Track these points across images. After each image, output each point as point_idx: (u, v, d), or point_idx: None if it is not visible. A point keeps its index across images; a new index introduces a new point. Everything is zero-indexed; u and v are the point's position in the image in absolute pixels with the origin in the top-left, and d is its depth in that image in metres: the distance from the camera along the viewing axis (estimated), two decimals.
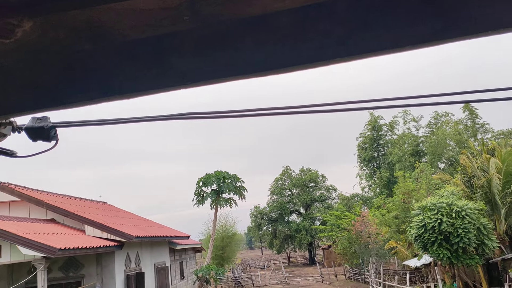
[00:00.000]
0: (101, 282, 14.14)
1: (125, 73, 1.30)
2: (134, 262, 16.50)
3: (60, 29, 1.18)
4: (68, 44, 1.25)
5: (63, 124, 1.63)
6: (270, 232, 61.44)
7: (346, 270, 39.16)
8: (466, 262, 20.52)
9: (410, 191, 30.16)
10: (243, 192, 34.36)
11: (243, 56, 1.21)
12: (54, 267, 13.33)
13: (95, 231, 14.66)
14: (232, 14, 1.16)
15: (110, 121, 1.75)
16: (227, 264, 42.06)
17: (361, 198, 54.51)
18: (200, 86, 1.26)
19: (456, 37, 1.03)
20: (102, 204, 22.92)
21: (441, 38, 1.05)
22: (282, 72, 1.19)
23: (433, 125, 48.42)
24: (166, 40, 1.26)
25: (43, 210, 15.29)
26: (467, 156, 26.22)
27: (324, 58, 1.13)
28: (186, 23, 1.20)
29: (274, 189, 61.11)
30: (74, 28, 1.20)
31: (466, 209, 20.11)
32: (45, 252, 10.98)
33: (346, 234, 36.75)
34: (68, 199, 18.80)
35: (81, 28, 1.21)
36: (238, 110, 1.75)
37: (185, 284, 25.99)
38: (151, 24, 1.21)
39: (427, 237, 20.43)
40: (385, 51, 1.09)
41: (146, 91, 1.30)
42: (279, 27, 1.16)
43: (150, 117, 1.76)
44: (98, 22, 1.19)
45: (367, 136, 55.46)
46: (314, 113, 1.78)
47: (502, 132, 40.76)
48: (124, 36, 1.26)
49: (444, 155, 42.66)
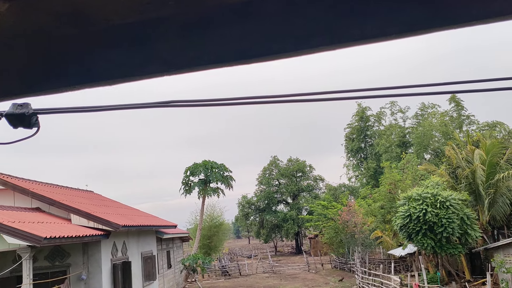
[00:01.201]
0: (87, 271, 14.09)
1: (108, 59, 1.27)
2: (121, 251, 16.45)
3: (40, 13, 1.15)
4: (49, 29, 1.22)
5: (44, 111, 1.60)
6: (257, 222, 61.77)
7: (332, 259, 39.62)
8: (449, 252, 20.91)
9: (396, 181, 30.50)
10: (230, 182, 34.40)
11: (228, 43, 1.19)
12: (39, 256, 13.24)
13: (81, 220, 14.56)
14: (217, 0, 1.14)
15: (93, 108, 1.72)
16: (214, 253, 42.24)
17: (348, 188, 55.05)
18: (184, 73, 1.25)
19: (441, 26, 1.02)
20: (89, 193, 22.75)
21: (427, 27, 1.04)
22: (267, 60, 1.18)
23: (420, 117, 48.92)
24: (150, 25, 1.23)
25: (28, 199, 15.12)
26: (452, 147, 26.58)
27: (310, 46, 1.12)
28: (170, 8, 1.18)
29: (261, 179, 61.31)
30: (55, 12, 1.17)
31: (451, 199, 20.43)
32: (30, 241, 10.88)
33: (332, 223, 37.13)
34: (53, 188, 18.61)
35: (63, 12, 1.18)
36: (223, 98, 1.74)
37: (172, 273, 26.04)
38: (135, 9, 1.19)
39: (412, 227, 20.74)
40: (371, 40, 1.08)
41: (130, 77, 1.28)
42: (265, 14, 1.14)
43: (134, 104, 1.73)
44: (81, 6, 1.16)
45: (355, 127, 55.82)
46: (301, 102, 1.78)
47: (487, 124, 41.34)
48: (107, 21, 1.23)
49: (430, 146, 43.17)
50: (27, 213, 13.80)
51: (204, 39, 1.19)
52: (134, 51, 1.26)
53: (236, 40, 1.21)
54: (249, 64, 1.22)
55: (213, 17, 1.20)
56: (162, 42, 1.24)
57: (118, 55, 1.25)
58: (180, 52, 1.24)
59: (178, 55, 1.24)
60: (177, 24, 1.21)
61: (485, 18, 0.99)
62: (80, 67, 1.29)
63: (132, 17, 1.21)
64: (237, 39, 1.21)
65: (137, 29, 1.23)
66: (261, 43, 1.19)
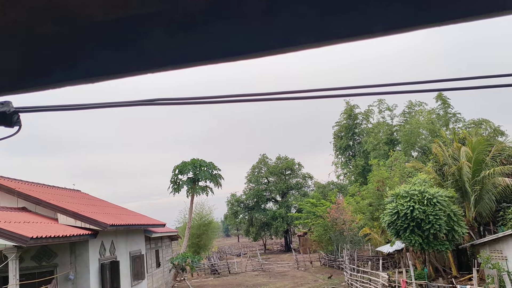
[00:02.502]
0: (74, 271, 13.96)
1: (91, 56, 1.25)
2: (109, 250, 16.33)
3: (20, 9, 1.13)
4: (30, 26, 1.19)
5: (27, 109, 1.57)
6: (246, 220, 61.81)
7: (321, 257, 39.83)
8: (436, 248, 21.14)
9: (384, 179, 30.75)
10: (219, 180, 34.31)
11: (213, 40, 1.18)
12: (26, 256, 13.08)
13: (68, 220, 14.42)
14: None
15: (77, 106, 1.69)
16: (204, 252, 42.18)
17: (337, 186, 55.33)
18: (168, 71, 1.23)
19: (426, 24, 1.02)
20: (76, 192, 22.53)
21: (411, 24, 1.04)
22: (252, 57, 1.17)
23: (407, 114, 49.32)
24: (134, 22, 1.21)
25: (14, 198, 14.92)
26: (439, 144, 26.87)
27: (296, 43, 1.11)
28: (155, 4, 1.16)
29: (250, 177, 61.33)
30: (36, 8, 1.15)
31: (437, 196, 20.65)
32: (16, 241, 10.75)
33: (321, 221, 37.30)
34: (40, 187, 18.39)
35: (44, 8, 1.16)
36: (210, 96, 1.72)
37: (161, 272, 25.94)
38: (119, 5, 1.17)
39: (399, 224, 20.92)
40: (356, 37, 1.08)
41: (113, 74, 1.25)
42: (251, 11, 1.13)
43: (118, 102, 1.71)
44: (62, 2, 1.14)
45: (343, 124, 56.09)
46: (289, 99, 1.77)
47: (473, 121, 41.83)
48: (90, 17, 1.21)
49: (417, 143, 43.56)
50: (13, 213, 13.62)
51: (189, 36, 1.18)
52: (117, 48, 1.24)
53: (222, 37, 1.19)
54: (234, 62, 1.21)
55: (198, 14, 1.19)
56: (145, 39, 1.22)
57: (101, 52, 1.23)
58: (164, 49, 1.22)
59: (162, 52, 1.23)
60: (161, 21, 1.19)
61: (470, 15, 0.99)
62: (62, 65, 1.26)
63: (115, 13, 1.19)
64: (222, 36, 1.19)
65: (120, 26, 1.21)
66: (246, 40, 1.17)
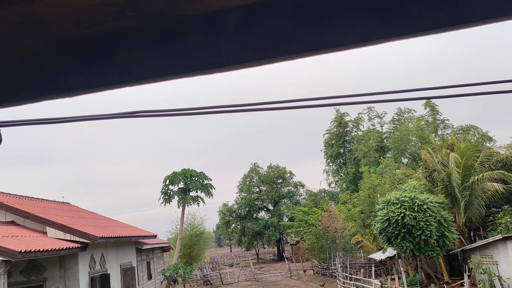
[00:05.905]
0: (64, 285, 13.77)
1: (68, 70, 1.26)
2: (99, 263, 16.15)
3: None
4: (6, 40, 1.19)
5: (7, 123, 1.57)
6: (238, 229, 61.51)
7: (314, 265, 39.73)
8: (428, 254, 21.22)
9: (375, 186, 30.86)
10: (210, 190, 34.21)
11: (188, 54, 1.19)
12: (15, 271, 12.88)
13: (57, 233, 14.25)
14: (177, 11, 1.14)
15: (59, 120, 1.69)
16: (196, 263, 41.83)
17: (328, 193, 55.39)
18: (145, 84, 1.24)
19: (394, 36, 1.05)
20: (65, 205, 22.30)
21: (382, 37, 1.07)
22: (227, 70, 1.19)
23: (397, 122, 49.74)
24: (111, 36, 1.23)
25: (2, 212, 14.74)
26: (428, 151, 27.09)
27: (269, 56, 1.13)
28: (131, 19, 1.17)
29: (242, 186, 61.18)
30: (11, 22, 1.16)
31: (428, 202, 20.78)
32: (4, 256, 10.61)
33: (313, 229, 37.24)
34: (28, 201, 18.18)
35: (20, 23, 1.16)
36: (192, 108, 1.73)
37: (152, 284, 25.67)
38: (95, 20, 1.18)
39: (391, 231, 20.98)
40: (329, 49, 1.10)
41: (91, 88, 1.26)
42: (225, 25, 1.15)
43: (100, 115, 1.71)
44: (38, 17, 1.15)
45: (334, 132, 56.38)
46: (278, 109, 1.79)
47: (461, 127, 42.28)
48: (66, 32, 1.22)
49: (407, 150, 43.88)
50: (1, 227, 13.44)
51: (164, 49, 1.19)
52: (94, 62, 1.25)
53: (198, 51, 1.21)
54: (211, 74, 1.23)
55: (175, 29, 1.21)
56: (123, 53, 1.24)
57: (78, 66, 1.24)
58: (142, 63, 1.24)
59: (140, 66, 1.24)
60: (137, 35, 1.21)
61: (436, 28, 1.02)
62: (40, 79, 1.27)
63: (91, 28, 1.20)
64: (199, 50, 1.21)
65: (98, 40, 1.22)
66: (223, 54, 1.19)
